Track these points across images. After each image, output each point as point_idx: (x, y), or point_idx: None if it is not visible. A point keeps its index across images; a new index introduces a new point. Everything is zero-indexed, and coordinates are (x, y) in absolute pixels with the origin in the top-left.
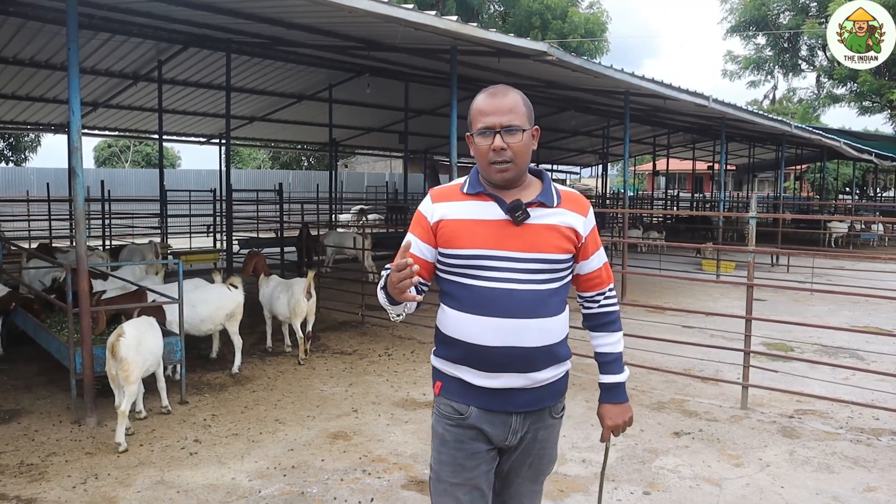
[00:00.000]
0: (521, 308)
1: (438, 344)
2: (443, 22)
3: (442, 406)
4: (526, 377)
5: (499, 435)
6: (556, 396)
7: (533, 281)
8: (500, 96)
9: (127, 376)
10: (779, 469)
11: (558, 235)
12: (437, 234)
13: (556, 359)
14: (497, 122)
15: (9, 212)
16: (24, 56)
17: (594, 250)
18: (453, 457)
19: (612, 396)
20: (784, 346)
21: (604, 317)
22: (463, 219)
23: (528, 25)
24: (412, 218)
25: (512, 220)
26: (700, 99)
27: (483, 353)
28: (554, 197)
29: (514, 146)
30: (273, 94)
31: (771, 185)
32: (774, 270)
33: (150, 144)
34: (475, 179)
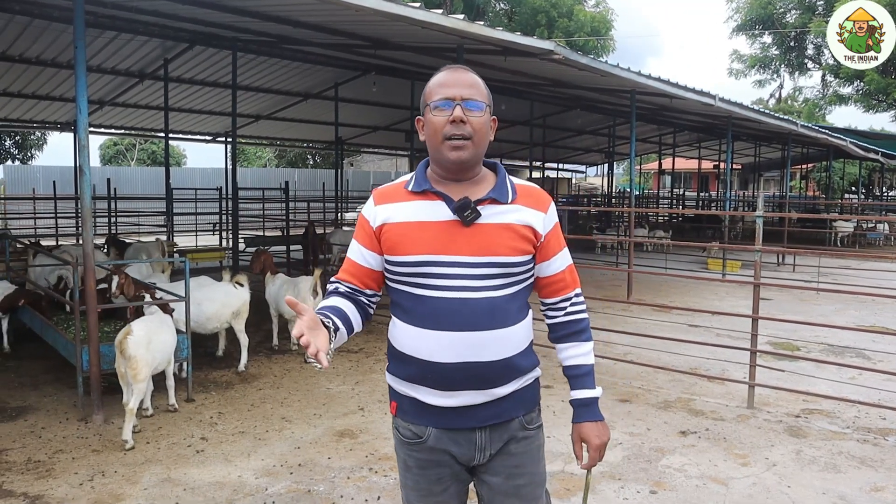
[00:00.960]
0: (477, 319)
1: (391, 359)
2: (450, 20)
3: (400, 429)
4: (486, 393)
5: (464, 454)
6: (524, 406)
7: (487, 287)
8: (460, 72)
9: (136, 374)
10: (785, 468)
11: (513, 235)
12: (381, 240)
13: (519, 371)
14: (458, 94)
15: (15, 210)
16: (31, 54)
17: (556, 251)
18: (417, 482)
19: (590, 413)
20: (790, 346)
21: (571, 325)
22: (407, 221)
23: (533, 24)
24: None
25: (461, 221)
26: (707, 98)
27: (438, 371)
28: (509, 192)
29: (474, 122)
30: (279, 93)
31: (777, 184)
32: (780, 270)
33: (156, 143)
34: (421, 176)
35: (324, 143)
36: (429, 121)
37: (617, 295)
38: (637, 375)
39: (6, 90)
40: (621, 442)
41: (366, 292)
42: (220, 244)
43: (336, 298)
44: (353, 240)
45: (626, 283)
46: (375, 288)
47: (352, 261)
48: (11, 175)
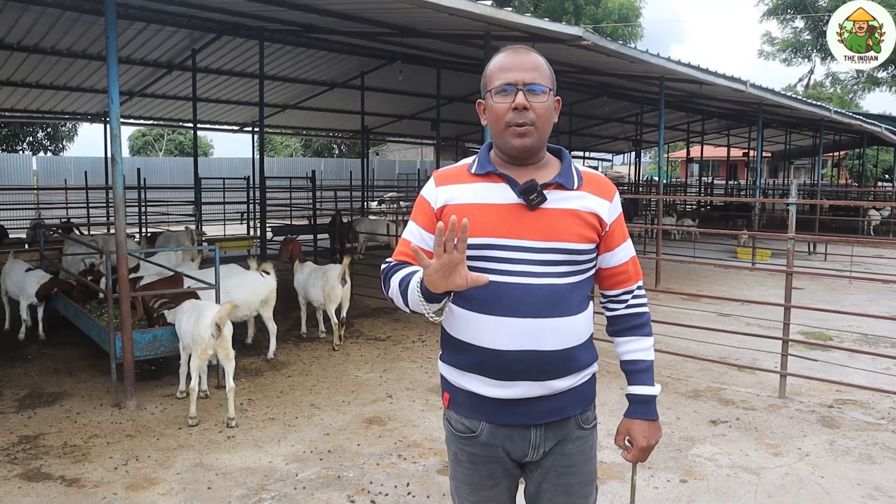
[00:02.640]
0: (539, 305)
1: (445, 348)
2: (477, 7)
3: (452, 421)
4: (543, 385)
5: (517, 451)
6: (581, 404)
7: (551, 274)
8: (521, 53)
9: (228, 353)
10: (818, 459)
11: (579, 222)
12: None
13: (579, 364)
14: (520, 79)
15: (47, 200)
16: (62, 46)
17: (621, 241)
18: (468, 476)
19: (644, 411)
20: (822, 335)
21: (633, 319)
22: (470, 203)
23: (560, 11)
24: (414, 203)
25: (526, 204)
26: (737, 84)
27: (496, 359)
28: (574, 178)
29: (537, 107)
30: (305, 82)
31: (807, 172)
32: (812, 258)
33: (184, 133)
34: (485, 158)
35: (350, 132)
36: (490, 107)
37: (645, 283)
38: (666, 364)
39: (38, 82)
40: None
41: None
42: (248, 233)
43: (411, 267)
44: (411, 221)
45: (654, 272)
46: None
47: (409, 242)
48: (44, 166)
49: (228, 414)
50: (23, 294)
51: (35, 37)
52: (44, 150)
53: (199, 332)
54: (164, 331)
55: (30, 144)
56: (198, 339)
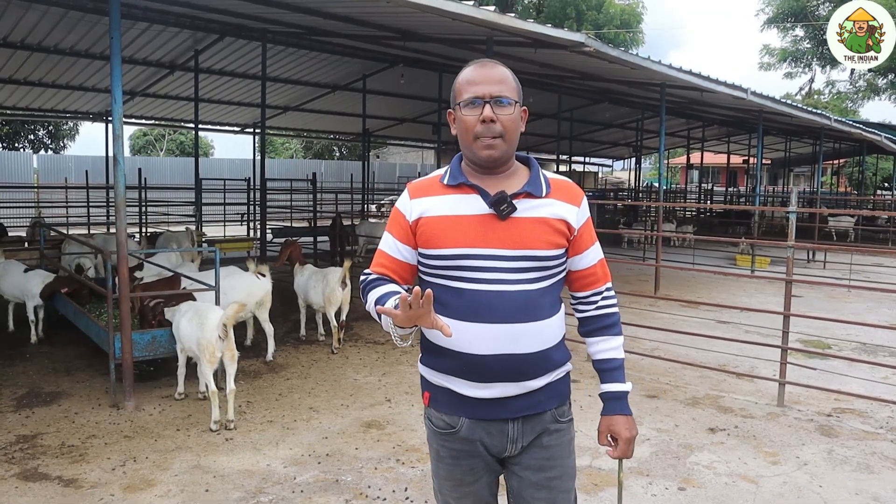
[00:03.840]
0: (513, 311)
1: (425, 352)
2: (480, 12)
3: (433, 419)
4: (520, 385)
5: (496, 445)
6: (556, 399)
7: (523, 280)
8: (488, 67)
9: (233, 354)
10: (817, 468)
11: (548, 229)
12: (417, 234)
13: (554, 364)
14: (486, 92)
15: (48, 198)
16: (65, 45)
17: (589, 244)
18: (450, 472)
19: (620, 407)
20: (821, 344)
21: (603, 319)
22: (443, 215)
23: (562, 16)
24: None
25: (497, 215)
26: (738, 91)
27: (475, 363)
28: (543, 186)
29: (504, 119)
30: (307, 84)
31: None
32: (811, 266)
33: (185, 133)
34: (457, 169)
35: (351, 134)
36: (459, 119)
37: (644, 290)
38: (665, 371)
39: (41, 80)
40: (649, 438)
41: (402, 286)
42: (248, 234)
43: (389, 284)
44: (387, 233)
45: (653, 278)
46: (410, 281)
47: (386, 254)
48: (45, 164)
49: (227, 416)
50: (27, 295)
51: (38, 35)
52: (45, 148)
53: (206, 335)
54: (163, 332)
55: (31, 142)
56: (205, 343)
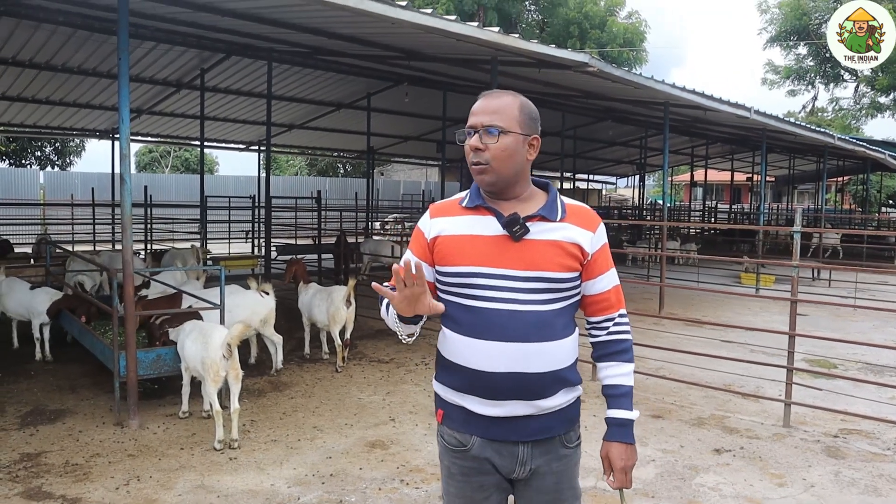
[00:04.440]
0: (525, 331)
1: (439, 369)
2: (485, 33)
3: (445, 436)
4: (532, 405)
5: (506, 466)
6: (566, 424)
7: (535, 301)
8: (491, 98)
9: (238, 373)
10: (823, 490)
11: (560, 252)
12: (434, 251)
13: (565, 384)
14: (479, 122)
15: (53, 215)
16: (73, 64)
17: (603, 270)
18: (461, 489)
19: (621, 435)
20: (827, 364)
21: (614, 345)
22: (459, 234)
23: (565, 35)
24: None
25: (510, 236)
26: (741, 110)
27: (486, 380)
28: (558, 211)
29: (491, 147)
30: (312, 102)
31: (811, 196)
32: (815, 285)
33: (190, 150)
34: (475, 192)
35: (355, 152)
36: (465, 145)
37: (648, 309)
38: (669, 391)
39: (48, 98)
40: (654, 459)
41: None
42: (253, 252)
43: None
44: (408, 250)
45: (657, 297)
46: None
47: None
48: (51, 181)
49: (231, 435)
50: (33, 313)
51: (46, 54)
52: (51, 164)
53: (210, 354)
54: (167, 350)
55: (37, 159)
56: (209, 363)
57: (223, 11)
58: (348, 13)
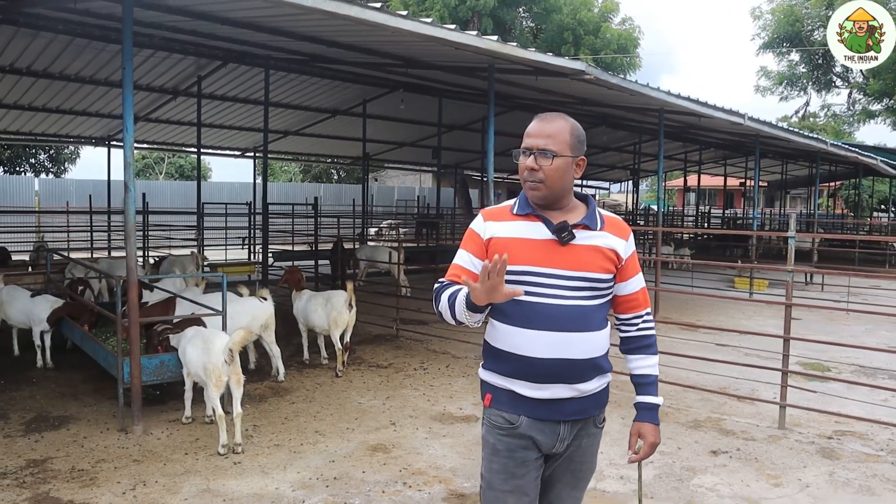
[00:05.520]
0: (569, 322)
1: (487, 357)
2: (483, 41)
3: (493, 417)
4: (573, 388)
5: (548, 443)
6: (599, 406)
7: (578, 297)
8: (545, 122)
9: (239, 378)
10: (819, 490)
11: (601, 256)
12: (489, 251)
13: (600, 370)
14: (534, 144)
15: (49, 222)
16: (70, 72)
17: (633, 273)
18: (504, 465)
19: (651, 417)
20: (821, 367)
21: (642, 339)
22: (513, 237)
23: (560, 41)
24: (463, 235)
25: (558, 240)
26: (735, 117)
27: (533, 365)
28: (598, 221)
29: (545, 169)
30: (308, 109)
31: (803, 201)
32: (808, 289)
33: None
34: (524, 201)
35: (350, 158)
36: (519, 162)
37: None
38: (666, 394)
39: (44, 106)
40: (652, 461)
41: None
42: (250, 258)
43: (456, 286)
44: (462, 250)
45: (653, 302)
46: None
47: (460, 267)
48: (46, 188)
49: (235, 440)
50: (34, 321)
51: (44, 62)
52: (46, 171)
53: (212, 360)
54: (170, 356)
55: (32, 166)
56: (211, 368)
57: (222, 20)
58: (349, 22)
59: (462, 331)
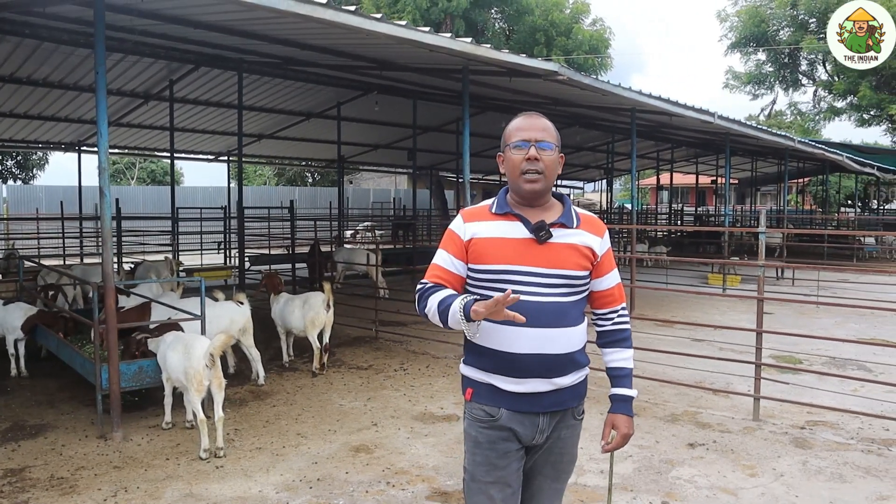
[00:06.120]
0: (548, 318)
1: (469, 353)
2: (457, 44)
3: (474, 410)
4: (551, 382)
5: (527, 434)
6: (577, 398)
7: (556, 294)
8: (534, 118)
9: (221, 382)
10: (793, 479)
11: (577, 254)
12: (469, 251)
13: (578, 364)
14: (532, 137)
15: (18, 230)
16: (38, 76)
17: (608, 270)
18: (486, 457)
19: (625, 409)
20: (793, 359)
21: (617, 333)
22: (491, 237)
23: (532, 42)
24: (443, 236)
25: (536, 239)
26: (706, 116)
27: (513, 360)
28: (574, 219)
29: (545, 160)
30: (282, 112)
31: (773, 198)
32: (780, 283)
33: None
34: (503, 201)
35: (325, 161)
36: (508, 158)
37: None
38: (644, 389)
39: (12, 111)
40: (631, 455)
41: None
42: (226, 262)
43: (447, 289)
44: (441, 250)
45: (628, 298)
46: (459, 290)
47: (441, 267)
48: (14, 195)
49: (217, 444)
50: (7, 329)
51: (10, 67)
52: (14, 178)
53: (193, 364)
54: (149, 362)
55: None
56: (192, 373)
57: (195, 24)
58: (324, 25)
59: (441, 331)
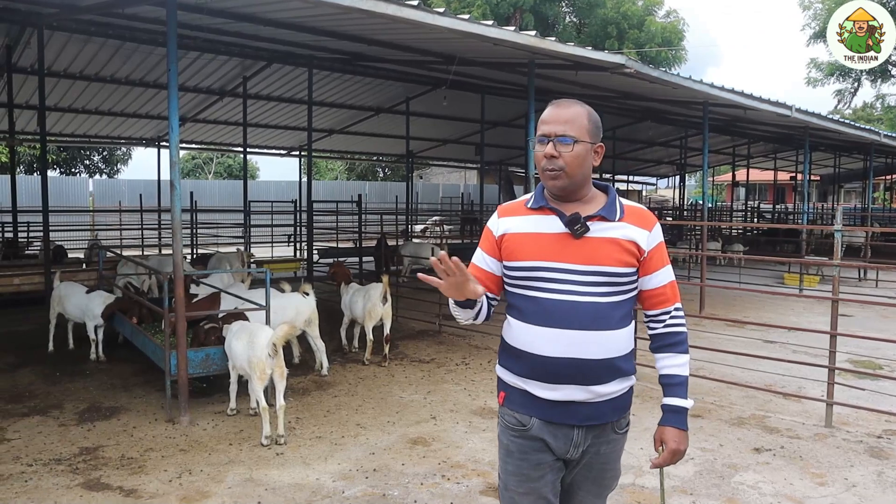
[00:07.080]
0: (583, 320)
1: (503, 355)
2: (521, 37)
3: (506, 416)
4: (587, 390)
5: (560, 447)
6: (618, 412)
7: (594, 293)
8: (561, 108)
9: (283, 371)
10: (866, 490)
11: (618, 249)
12: (502, 248)
13: (619, 373)
14: (552, 131)
15: (102, 221)
16: (120, 75)
17: (659, 266)
18: (518, 467)
19: (676, 421)
20: (872, 364)
21: (670, 337)
22: (524, 232)
23: (603, 35)
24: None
25: (571, 233)
26: (782, 108)
27: (545, 364)
28: (616, 211)
29: (565, 155)
30: (352, 108)
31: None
32: (862, 285)
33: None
34: (539, 194)
35: (394, 156)
36: (535, 152)
37: (689, 309)
38: (710, 391)
39: (97, 109)
40: (693, 457)
41: (487, 294)
42: (295, 255)
43: None
44: (478, 248)
45: (698, 297)
46: (495, 291)
47: (475, 266)
48: (100, 188)
49: (278, 431)
50: (88, 315)
51: (96, 66)
52: (100, 172)
53: (256, 353)
54: (216, 349)
55: (86, 167)
56: (255, 361)
57: (265, 21)
58: (388, 20)
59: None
